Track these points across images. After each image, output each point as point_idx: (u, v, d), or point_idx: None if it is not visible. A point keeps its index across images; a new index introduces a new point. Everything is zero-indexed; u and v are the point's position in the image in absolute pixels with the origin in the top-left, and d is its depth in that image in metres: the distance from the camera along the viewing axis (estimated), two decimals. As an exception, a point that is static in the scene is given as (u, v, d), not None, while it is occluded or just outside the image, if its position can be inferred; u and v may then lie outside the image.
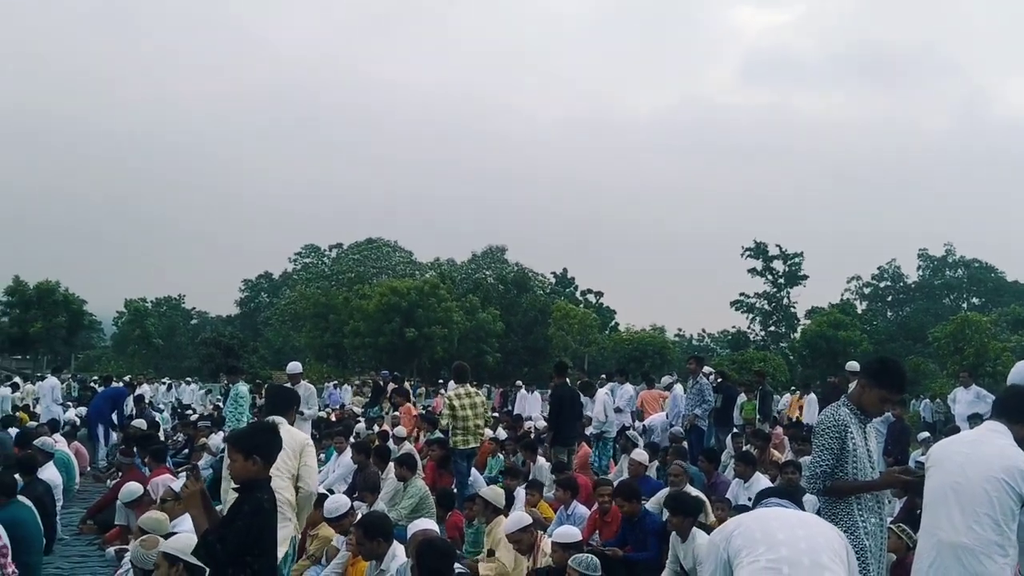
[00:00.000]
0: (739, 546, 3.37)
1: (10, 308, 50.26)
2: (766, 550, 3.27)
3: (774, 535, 3.33)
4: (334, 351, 52.26)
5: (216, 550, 3.96)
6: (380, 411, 19.22)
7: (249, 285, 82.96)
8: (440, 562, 4.91)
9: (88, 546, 9.18)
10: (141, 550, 5.28)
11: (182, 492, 4.26)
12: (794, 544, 3.27)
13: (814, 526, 3.50)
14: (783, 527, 3.38)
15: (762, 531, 3.38)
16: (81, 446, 13.78)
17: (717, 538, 3.58)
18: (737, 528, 3.49)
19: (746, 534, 3.40)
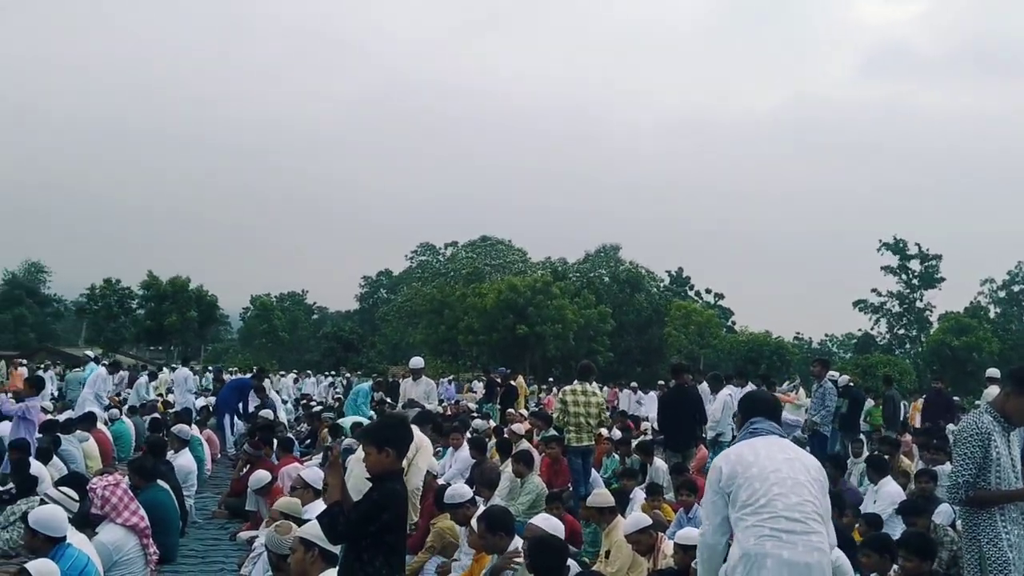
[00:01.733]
0: (742, 498, 3.92)
1: (146, 302, 53.07)
2: (769, 517, 3.82)
3: (774, 502, 3.85)
4: (448, 347, 52.97)
5: (338, 521, 4.03)
6: (494, 407, 19.39)
7: (369, 282, 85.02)
8: (553, 559, 4.91)
9: (220, 530, 9.60)
10: (276, 536, 5.46)
11: (329, 456, 4.38)
12: (788, 506, 3.84)
13: (805, 486, 3.94)
14: (782, 491, 3.88)
15: (765, 494, 3.88)
16: (213, 434, 14.40)
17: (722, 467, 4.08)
18: (741, 474, 3.97)
19: (749, 489, 3.92)
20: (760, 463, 3.98)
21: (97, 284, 54.71)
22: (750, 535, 3.84)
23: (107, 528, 6.38)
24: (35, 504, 7.23)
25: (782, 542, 3.79)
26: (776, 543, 3.79)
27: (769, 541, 3.79)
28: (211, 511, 10.44)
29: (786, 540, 3.79)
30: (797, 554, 3.79)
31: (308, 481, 7.78)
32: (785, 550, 3.79)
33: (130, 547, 6.38)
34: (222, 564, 8.12)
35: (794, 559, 3.78)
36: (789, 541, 3.79)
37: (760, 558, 3.80)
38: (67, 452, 10.32)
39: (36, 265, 76.28)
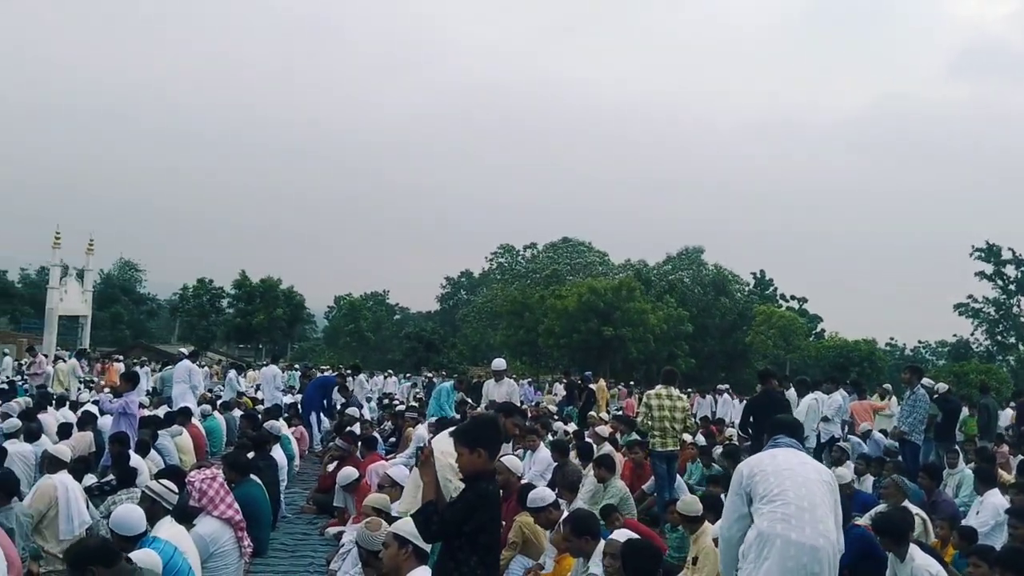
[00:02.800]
0: (759, 492, 4.42)
1: (236, 301, 54.66)
2: (781, 504, 4.30)
3: (786, 492, 4.34)
4: (528, 349, 53.03)
5: (433, 520, 4.09)
6: (575, 410, 19.35)
7: (450, 282, 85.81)
8: (647, 563, 4.87)
9: (308, 525, 9.82)
10: (367, 531, 5.55)
11: (421, 456, 4.45)
12: (798, 496, 4.32)
13: (811, 476, 4.49)
14: (794, 484, 4.37)
15: (778, 486, 4.37)
16: (304, 430, 14.73)
17: (743, 470, 4.63)
18: (759, 473, 4.50)
19: (765, 484, 4.42)
20: (776, 464, 4.53)
21: (190, 284, 56.65)
22: (764, 519, 4.34)
23: (204, 520, 6.59)
24: (135, 495, 7.52)
25: (791, 525, 4.26)
26: (786, 526, 4.26)
27: (780, 524, 4.27)
28: (300, 506, 10.70)
29: (795, 524, 4.26)
30: (805, 536, 4.23)
31: (395, 479, 7.91)
32: (793, 532, 4.24)
33: (225, 539, 6.58)
34: (311, 558, 8.31)
35: (801, 540, 4.22)
36: (798, 525, 4.25)
37: (771, 537, 4.27)
38: (162, 446, 10.66)
39: (130, 264, 79.34)
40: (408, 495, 6.69)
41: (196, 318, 55.11)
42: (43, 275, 66.77)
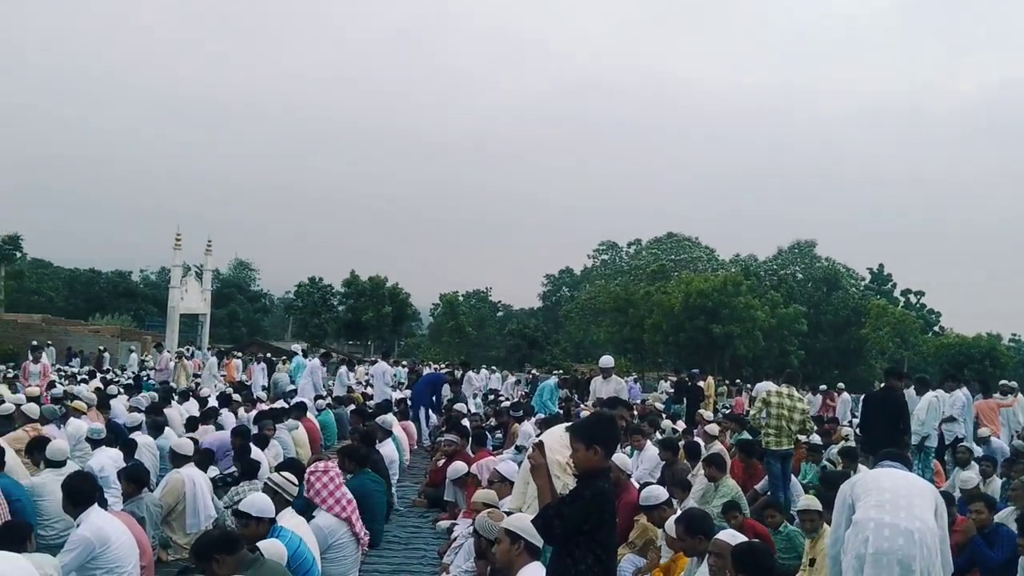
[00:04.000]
0: (858, 494, 4.68)
1: (346, 299, 56.12)
2: (876, 495, 4.55)
3: (881, 485, 4.64)
4: (633, 346, 52.59)
5: (554, 524, 4.07)
6: (681, 408, 19.10)
7: (551, 280, 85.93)
8: (761, 566, 4.77)
9: (420, 518, 9.99)
10: (489, 521, 5.62)
11: (531, 460, 4.46)
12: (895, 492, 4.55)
13: (914, 482, 4.76)
14: (892, 484, 4.62)
15: (875, 483, 4.70)
16: (412, 425, 14.99)
17: (846, 488, 4.89)
18: (859, 481, 4.87)
19: (863, 487, 4.72)
20: (877, 476, 4.82)
21: (303, 282, 58.43)
22: (860, 511, 4.57)
23: (322, 513, 6.80)
24: (257, 487, 7.80)
25: (884, 510, 4.46)
26: (879, 511, 4.47)
27: (873, 510, 4.50)
28: (411, 500, 10.89)
29: (889, 509, 4.45)
30: (899, 519, 4.39)
31: (504, 475, 7.96)
32: (888, 515, 4.43)
33: (343, 531, 6.77)
34: (423, 551, 8.44)
35: (895, 522, 4.38)
36: (891, 510, 4.44)
37: (864, 522, 4.47)
38: (280, 439, 11.03)
39: (244, 263, 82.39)
40: (517, 491, 6.73)
41: (309, 315, 56.78)
42: (163, 276, 70.17)
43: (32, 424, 9.64)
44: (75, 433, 9.74)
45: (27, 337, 34.47)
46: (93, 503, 5.52)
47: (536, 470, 4.36)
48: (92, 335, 41.98)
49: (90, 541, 5.19)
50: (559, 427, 6.70)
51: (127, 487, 6.89)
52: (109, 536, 5.30)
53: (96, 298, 66.27)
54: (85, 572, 5.30)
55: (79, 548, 5.17)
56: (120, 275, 72.95)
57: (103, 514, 5.55)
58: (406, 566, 7.95)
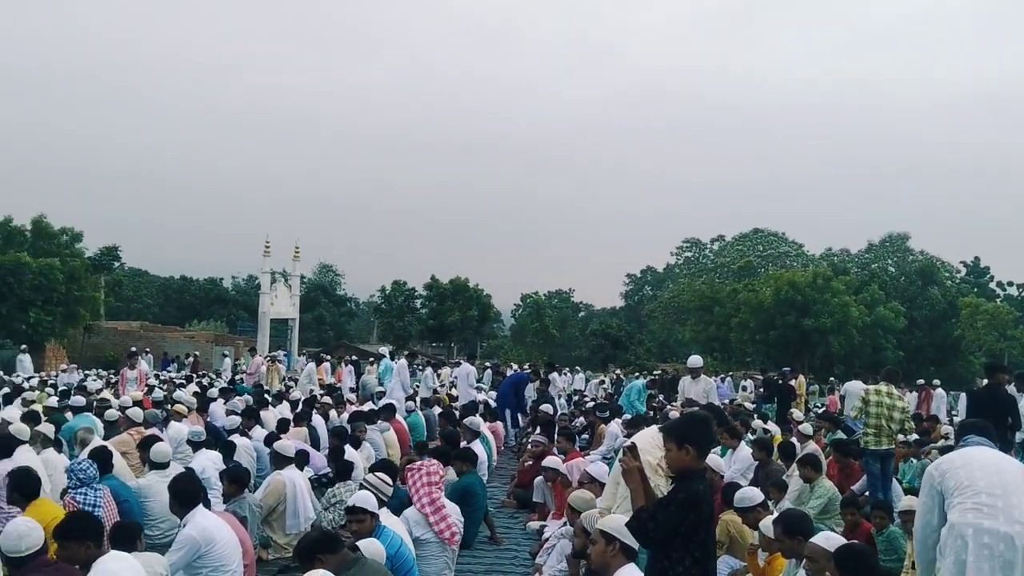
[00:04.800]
0: (950, 487, 4.38)
1: (428, 301, 56.74)
2: (972, 496, 4.25)
3: (976, 483, 4.29)
4: (720, 345, 51.75)
5: (648, 527, 4.08)
6: (772, 407, 18.74)
7: (633, 279, 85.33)
8: (865, 569, 4.63)
9: (510, 519, 10.02)
10: (596, 514, 5.62)
11: (622, 464, 4.43)
12: (991, 491, 4.24)
13: (1007, 469, 4.42)
14: (987, 483, 4.28)
15: (968, 478, 4.34)
16: (499, 426, 15.05)
17: (934, 472, 4.59)
18: (949, 470, 4.48)
19: (955, 478, 4.39)
20: (965, 458, 4.51)
21: (387, 286, 59.31)
22: (955, 512, 4.30)
23: (411, 508, 6.90)
24: (352, 488, 7.94)
25: (982, 514, 4.19)
26: (977, 514, 4.20)
27: (970, 513, 4.22)
28: (500, 501, 10.93)
29: (987, 512, 4.19)
30: (998, 524, 4.15)
31: (594, 476, 7.92)
32: (985, 520, 4.17)
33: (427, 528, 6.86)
34: (515, 552, 8.47)
35: (995, 528, 4.14)
36: (990, 514, 4.17)
37: (962, 527, 4.22)
38: (371, 440, 11.20)
39: (328, 267, 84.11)
40: (608, 492, 6.69)
41: (393, 318, 57.58)
42: (251, 282, 72.18)
43: (136, 428, 10.00)
44: (176, 436, 10.06)
45: (127, 344, 35.84)
46: (198, 503, 5.69)
47: (627, 473, 4.34)
48: (187, 341, 43.39)
49: (196, 540, 5.36)
50: (651, 428, 6.65)
51: (229, 488, 7.09)
52: (214, 535, 5.46)
53: (189, 305, 68.47)
54: (192, 570, 5.46)
55: (186, 547, 5.34)
56: (212, 282, 75.22)
57: (208, 514, 5.72)
58: (498, 566, 7.99)
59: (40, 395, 15.57)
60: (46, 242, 38.07)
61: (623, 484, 5.02)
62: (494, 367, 29.22)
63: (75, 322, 38.73)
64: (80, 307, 37.95)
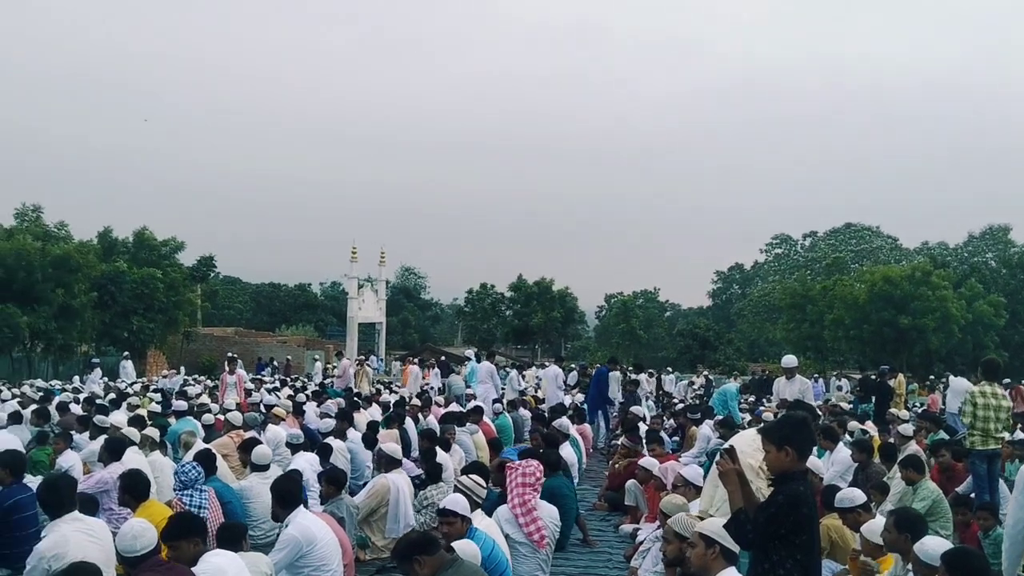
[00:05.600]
0: None
1: (513, 303, 56.98)
2: None
3: None
4: (813, 343, 50.45)
5: (746, 529, 4.03)
6: (871, 407, 18.21)
7: (721, 277, 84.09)
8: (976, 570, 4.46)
9: (602, 522, 9.96)
10: (686, 518, 5.55)
11: (719, 467, 4.36)
12: None
13: None
14: None
15: None
16: (587, 428, 14.99)
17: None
18: None
19: None
20: None
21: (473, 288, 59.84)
22: None
23: (501, 509, 6.92)
24: (444, 490, 8.01)
25: None
26: None
27: None
28: (591, 503, 10.87)
29: None
30: None
31: (688, 479, 7.81)
32: None
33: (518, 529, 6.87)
34: (608, 555, 8.41)
35: None
36: None
37: None
38: (461, 442, 11.27)
39: (410, 270, 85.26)
40: (706, 494, 6.58)
41: (478, 321, 58.02)
42: (336, 287, 73.71)
43: (236, 431, 10.29)
44: (274, 439, 10.31)
45: (223, 349, 37.00)
46: (299, 504, 5.82)
47: (724, 476, 4.28)
48: (279, 345, 44.55)
49: (298, 540, 5.48)
50: (750, 431, 6.54)
51: (327, 489, 7.23)
52: (316, 535, 5.57)
53: (279, 311, 70.28)
54: (294, 570, 5.58)
55: (289, 547, 5.47)
56: (301, 288, 77.03)
57: (309, 515, 5.85)
58: (592, 569, 7.94)
59: (144, 400, 16.18)
60: (147, 253, 39.57)
61: (721, 487, 4.95)
62: (581, 368, 29.12)
63: (174, 329, 40.20)
64: (179, 314, 39.38)
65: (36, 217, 37.41)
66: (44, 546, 5.01)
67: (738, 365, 46.86)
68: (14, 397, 16.42)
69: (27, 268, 31.53)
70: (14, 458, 6.71)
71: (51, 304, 32.24)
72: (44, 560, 4.90)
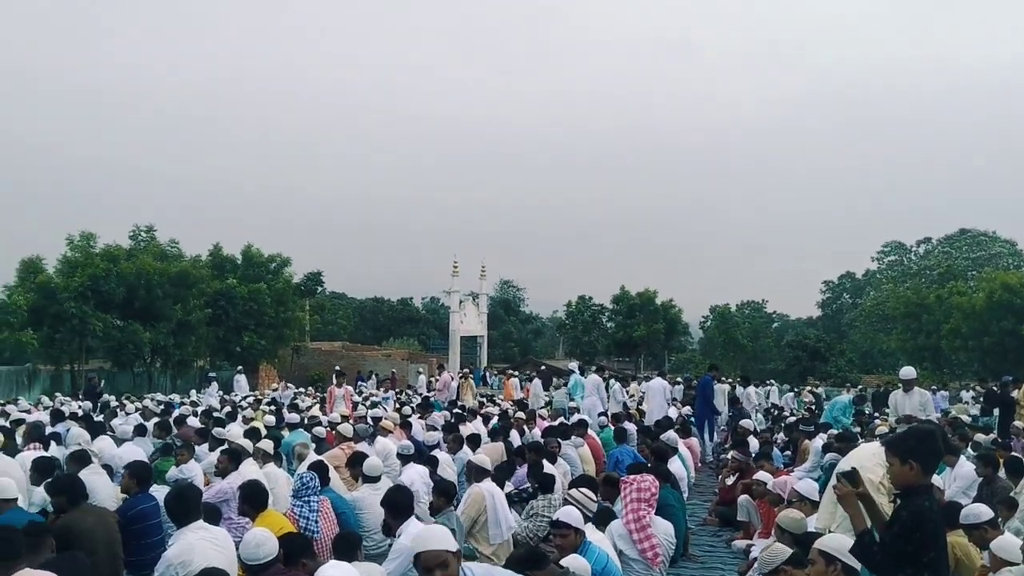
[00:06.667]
0: None
1: (615, 315, 56.58)
2: None
3: None
4: (930, 354, 48.34)
5: (872, 551, 3.95)
6: (994, 420, 17.37)
7: (830, 286, 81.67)
8: None
9: (713, 537, 9.76)
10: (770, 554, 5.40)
11: (836, 491, 4.25)
12: None
13: None
14: None
15: None
16: (694, 442, 14.73)
17: None
18: None
19: None
20: None
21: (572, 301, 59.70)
22: None
23: (615, 524, 6.85)
24: (552, 501, 8.00)
25: None
26: None
27: None
28: (701, 518, 10.67)
29: None
30: None
31: (803, 494, 7.61)
32: None
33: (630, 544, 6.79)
34: (720, 570, 8.24)
35: None
36: None
37: None
38: (567, 455, 11.23)
39: (508, 283, 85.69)
40: (826, 511, 6.39)
41: (580, 333, 57.80)
42: (435, 302, 74.72)
43: (347, 443, 10.52)
44: (383, 451, 10.48)
45: (331, 363, 37.93)
46: (411, 515, 5.89)
47: (843, 499, 4.17)
48: (384, 359, 45.37)
49: (411, 550, 5.52)
50: (871, 445, 6.33)
51: (437, 500, 7.29)
52: (427, 546, 5.61)
53: (383, 325, 71.63)
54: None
55: (401, 557, 5.53)
56: (403, 303, 78.32)
57: (421, 526, 5.90)
58: (704, 585, 7.80)
59: (258, 413, 16.70)
60: (254, 269, 40.86)
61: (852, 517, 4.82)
62: (686, 381, 28.71)
63: (284, 343, 41.39)
64: (288, 329, 40.54)
65: (150, 237, 39.00)
66: (171, 553, 5.21)
67: (850, 377, 45.26)
68: (136, 411, 17.18)
69: (147, 286, 32.99)
70: (142, 469, 7.02)
71: (170, 320, 33.67)
72: (172, 568, 5.10)
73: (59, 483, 6.23)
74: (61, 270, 33.32)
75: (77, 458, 7.79)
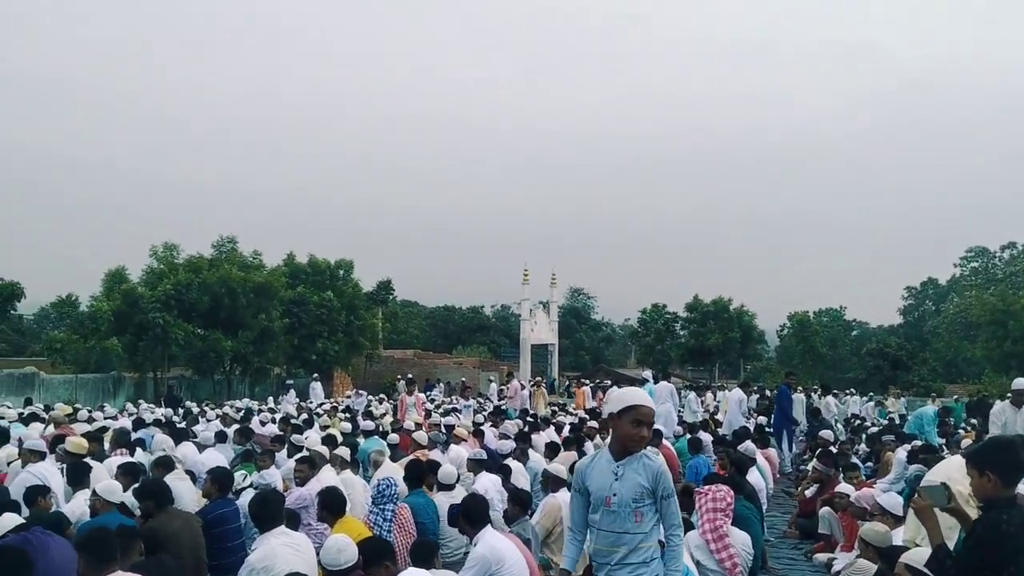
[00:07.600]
0: None
1: (688, 323, 55.99)
2: None
3: None
4: (1017, 362, 46.56)
5: (946, 565, 3.89)
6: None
7: (912, 293, 79.45)
8: None
9: (793, 550, 9.53)
10: None
11: (913, 505, 4.15)
12: None
13: None
14: None
15: None
16: (773, 452, 14.45)
17: None
18: None
19: None
20: None
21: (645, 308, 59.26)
22: None
23: (691, 534, 6.76)
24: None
25: None
26: None
27: None
28: (781, 531, 10.45)
29: None
30: None
31: (885, 507, 7.40)
32: None
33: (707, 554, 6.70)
34: (803, 584, 8.05)
35: None
36: None
37: None
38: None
39: (579, 291, 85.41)
40: (912, 523, 6.19)
41: (653, 341, 57.32)
42: (505, 310, 74.90)
43: (421, 450, 10.59)
44: (456, 458, 10.52)
45: (403, 371, 38.37)
46: (487, 523, 5.89)
47: (920, 513, 4.08)
48: (456, 367, 45.67)
49: (487, 559, 5.53)
50: (957, 457, 6.11)
51: (513, 509, 7.28)
52: (504, 555, 5.61)
53: (453, 333, 72.12)
54: (483, 589, 5.64)
55: (478, 566, 5.54)
56: (474, 310, 78.74)
57: (497, 534, 5.90)
58: (785, 599, 7.62)
59: (334, 420, 16.94)
60: (321, 276, 41.58)
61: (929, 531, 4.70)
62: (759, 390, 28.22)
63: (357, 351, 41.98)
64: (361, 337, 41.12)
65: (232, 248, 39.98)
66: (254, 558, 5.31)
67: (935, 386, 43.89)
68: (217, 417, 17.58)
69: (231, 295, 33.83)
70: (224, 474, 7.18)
71: (252, 329, 34.48)
72: (255, 572, 5.20)
73: (146, 488, 6.40)
74: (145, 280, 34.38)
75: (162, 464, 8.01)
